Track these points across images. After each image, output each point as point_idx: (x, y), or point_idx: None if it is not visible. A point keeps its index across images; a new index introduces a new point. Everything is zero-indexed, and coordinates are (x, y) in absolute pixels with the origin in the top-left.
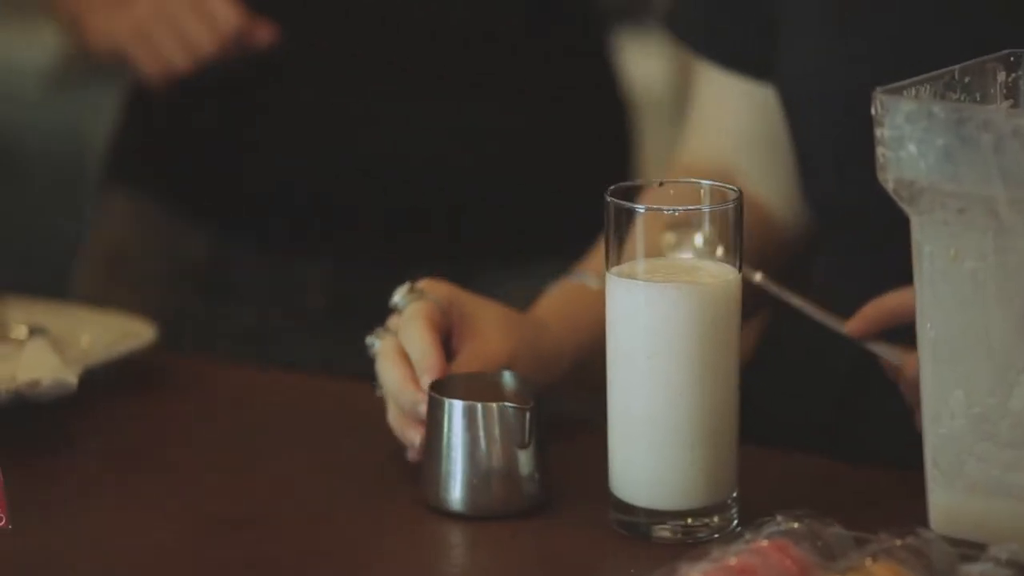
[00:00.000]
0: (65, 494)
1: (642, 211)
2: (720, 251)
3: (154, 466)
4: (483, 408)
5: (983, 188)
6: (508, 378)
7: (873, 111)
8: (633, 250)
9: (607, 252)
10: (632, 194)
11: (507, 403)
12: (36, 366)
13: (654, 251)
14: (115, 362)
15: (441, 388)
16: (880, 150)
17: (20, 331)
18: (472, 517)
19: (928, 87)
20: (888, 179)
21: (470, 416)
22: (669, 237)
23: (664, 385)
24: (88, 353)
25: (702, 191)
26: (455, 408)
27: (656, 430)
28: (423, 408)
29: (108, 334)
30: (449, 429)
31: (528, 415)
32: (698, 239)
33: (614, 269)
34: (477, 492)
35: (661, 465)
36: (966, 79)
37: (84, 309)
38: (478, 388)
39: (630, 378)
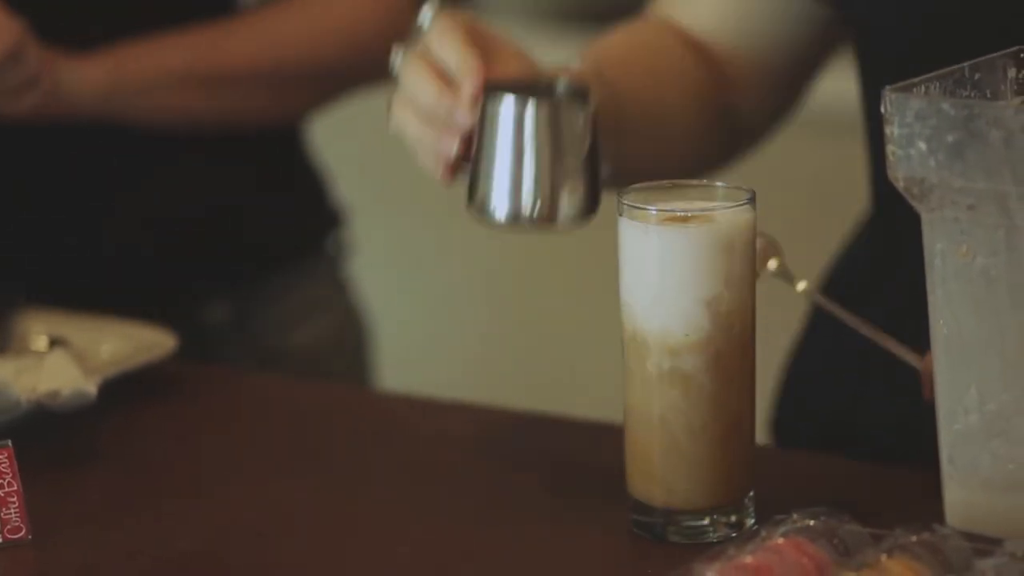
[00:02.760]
0: (85, 504)
1: (655, 212)
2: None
3: (175, 476)
4: (546, 104)
5: (993, 184)
6: (560, 83)
7: (882, 109)
8: None
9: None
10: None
11: (572, 98)
12: (56, 377)
13: None
14: (135, 372)
15: (497, 85)
16: (890, 148)
17: (41, 343)
18: (517, 224)
19: (938, 84)
20: (898, 177)
21: (538, 113)
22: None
23: (679, 383)
24: (109, 364)
25: (715, 191)
26: (526, 105)
27: (671, 428)
28: (460, 116)
29: (128, 345)
30: (512, 128)
31: (588, 111)
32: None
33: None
34: (532, 195)
35: (677, 464)
36: (976, 76)
37: (105, 320)
38: (531, 91)
39: (645, 377)
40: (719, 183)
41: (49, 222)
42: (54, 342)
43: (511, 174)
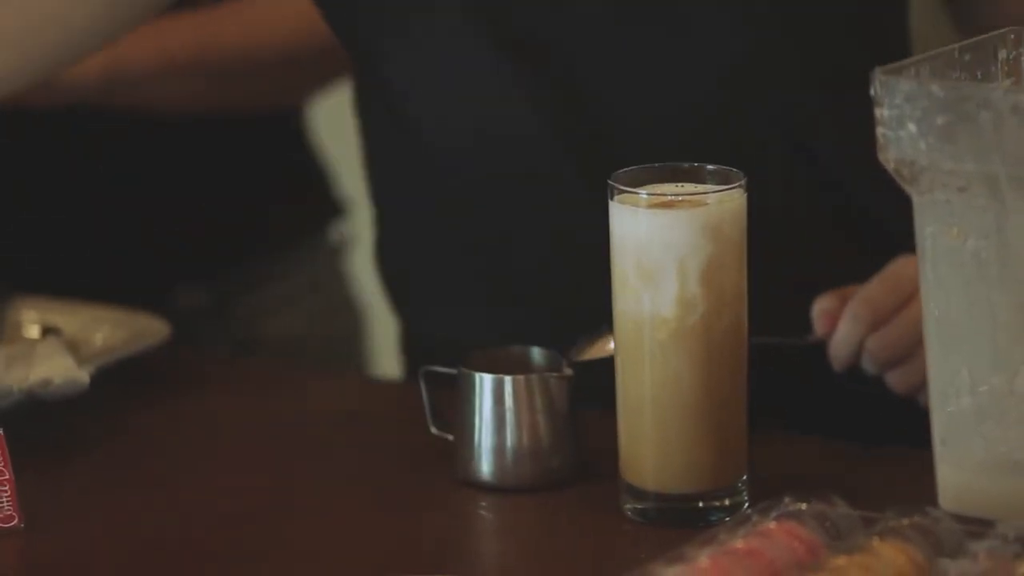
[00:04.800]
0: (78, 493)
1: (645, 196)
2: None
3: (167, 463)
4: (527, 380)
5: (983, 166)
6: (536, 353)
7: (872, 91)
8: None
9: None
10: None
11: (550, 373)
12: (49, 365)
13: None
14: (128, 360)
15: (471, 363)
16: (880, 130)
17: (33, 331)
18: (510, 490)
19: (928, 66)
20: (888, 159)
21: (518, 388)
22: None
23: (671, 368)
24: (101, 351)
25: (706, 175)
26: (504, 383)
27: (663, 412)
28: None
29: (121, 332)
30: (495, 403)
31: (569, 384)
32: None
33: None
34: (524, 463)
35: (669, 448)
36: (966, 57)
37: (98, 308)
38: (508, 362)
39: (637, 362)
40: (710, 166)
41: (46, 217)
42: (46, 330)
43: (494, 443)
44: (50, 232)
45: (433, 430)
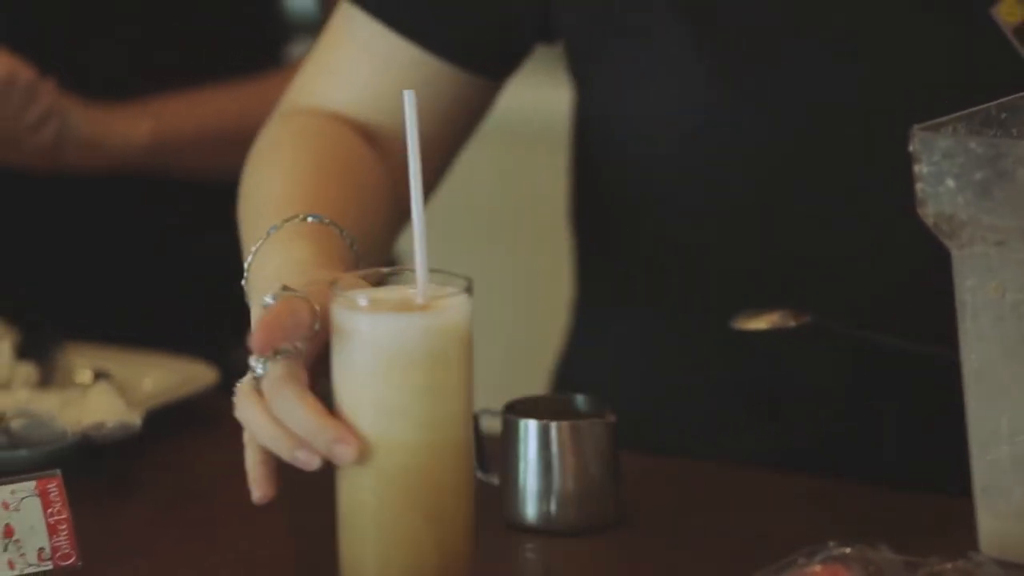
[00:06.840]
0: (131, 532)
1: (365, 302)
2: None
3: (217, 505)
4: (572, 426)
5: (1021, 220)
6: (579, 399)
7: (911, 148)
8: None
9: None
10: None
11: (594, 419)
12: (101, 409)
13: None
14: (177, 404)
15: (516, 409)
16: (919, 186)
17: (85, 376)
18: (555, 533)
19: (965, 124)
20: (928, 214)
21: (563, 434)
22: None
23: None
24: (151, 396)
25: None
26: (550, 429)
27: (382, 509)
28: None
29: (171, 377)
30: (540, 449)
31: (613, 429)
32: None
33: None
34: (568, 507)
35: (368, 554)
36: (1003, 115)
37: (147, 354)
38: (552, 409)
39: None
40: (437, 270)
41: (94, 265)
42: (98, 375)
43: (540, 488)
44: (110, 286)
45: (479, 474)
